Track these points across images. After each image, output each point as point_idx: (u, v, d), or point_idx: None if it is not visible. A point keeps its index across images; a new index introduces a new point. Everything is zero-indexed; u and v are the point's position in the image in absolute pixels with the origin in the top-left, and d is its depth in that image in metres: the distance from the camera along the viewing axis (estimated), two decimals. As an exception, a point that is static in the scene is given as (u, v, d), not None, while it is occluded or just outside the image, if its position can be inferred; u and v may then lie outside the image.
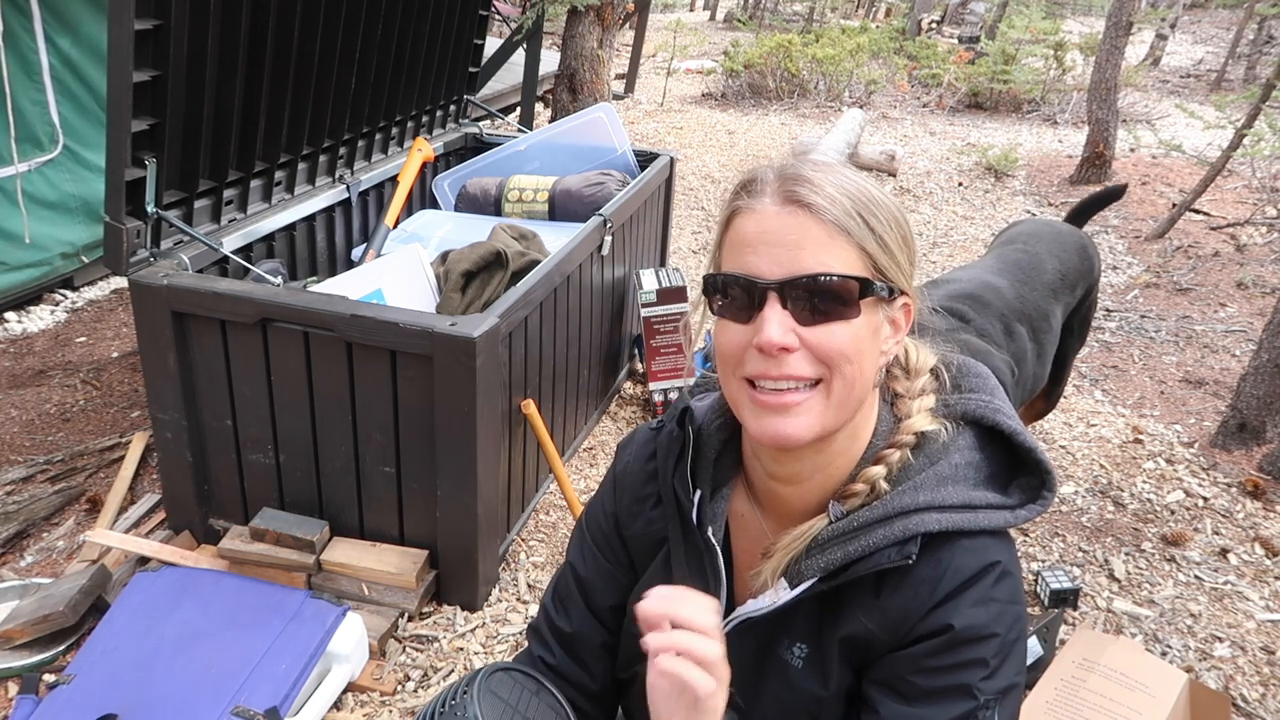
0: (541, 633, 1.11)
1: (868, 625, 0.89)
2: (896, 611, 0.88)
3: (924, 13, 12.94)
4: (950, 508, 0.87)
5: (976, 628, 0.85)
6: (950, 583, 0.86)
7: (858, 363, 0.85)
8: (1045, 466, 0.90)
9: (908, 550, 0.86)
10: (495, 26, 7.67)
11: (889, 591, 0.88)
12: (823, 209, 0.82)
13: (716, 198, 5.73)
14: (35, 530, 2.44)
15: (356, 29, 2.71)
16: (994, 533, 0.88)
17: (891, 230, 0.86)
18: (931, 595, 0.86)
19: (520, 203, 3.12)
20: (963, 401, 0.94)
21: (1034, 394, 2.31)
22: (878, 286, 0.84)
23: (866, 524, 0.88)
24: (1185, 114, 5.77)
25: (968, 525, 0.87)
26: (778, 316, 0.83)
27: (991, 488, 0.91)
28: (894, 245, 0.86)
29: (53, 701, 1.82)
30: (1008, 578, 0.87)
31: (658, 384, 3.14)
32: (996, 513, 0.89)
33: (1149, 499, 2.83)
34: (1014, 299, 2.10)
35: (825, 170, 0.85)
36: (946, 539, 0.87)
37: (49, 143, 3.54)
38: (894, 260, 0.86)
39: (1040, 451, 0.91)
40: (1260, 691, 2.13)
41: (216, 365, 2.13)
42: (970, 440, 0.92)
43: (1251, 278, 4.51)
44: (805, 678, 0.92)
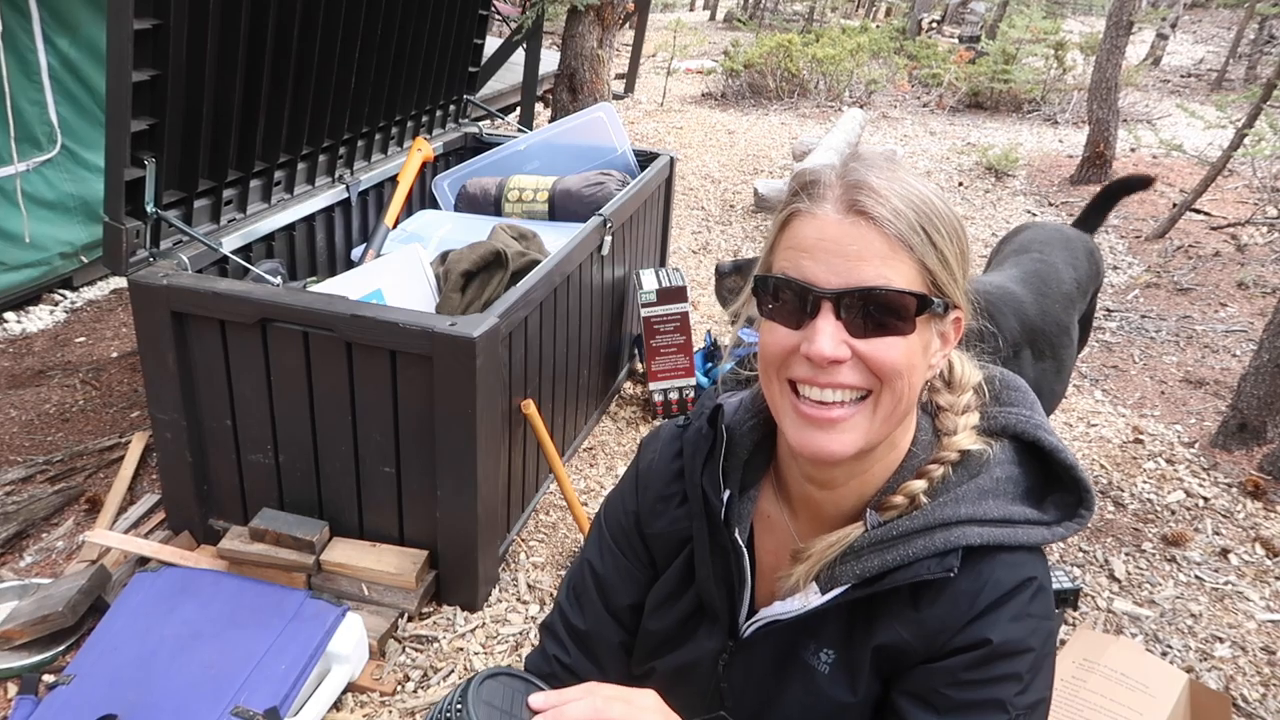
0: (556, 630, 1.09)
1: (903, 635, 0.88)
2: (934, 623, 0.87)
3: (924, 12, 12.94)
4: (991, 522, 0.87)
5: (1013, 642, 0.85)
6: (989, 596, 0.86)
7: (908, 377, 0.83)
8: (1084, 484, 0.89)
9: (949, 562, 0.85)
10: (495, 26, 7.66)
11: (927, 603, 0.88)
12: (886, 221, 0.80)
13: (716, 198, 5.73)
14: (35, 530, 2.44)
15: (356, 29, 2.71)
16: (1030, 548, 0.88)
17: (952, 244, 0.84)
18: (970, 608, 0.86)
19: (520, 203, 3.12)
20: (1003, 415, 0.93)
21: (1053, 410, 2.29)
22: (935, 303, 0.82)
23: (906, 533, 0.87)
24: (1186, 114, 5.77)
25: (1007, 540, 0.87)
26: (831, 328, 0.81)
27: (1028, 502, 0.90)
28: (953, 259, 0.84)
29: (52, 702, 1.82)
30: (1043, 593, 0.88)
31: (658, 384, 3.14)
32: (1034, 529, 0.88)
33: (1149, 499, 2.83)
34: (1036, 315, 2.08)
35: (890, 178, 0.82)
36: (985, 553, 0.87)
37: (48, 143, 3.54)
38: (952, 275, 0.84)
39: (1080, 469, 0.90)
40: (1261, 692, 2.13)
41: (216, 365, 2.13)
42: (1009, 454, 0.92)
43: (1252, 278, 4.51)
44: (832, 684, 0.92)
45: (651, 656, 1.05)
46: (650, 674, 1.05)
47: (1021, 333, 2.04)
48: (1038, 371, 2.07)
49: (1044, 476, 0.92)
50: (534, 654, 1.11)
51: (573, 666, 1.06)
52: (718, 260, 2.02)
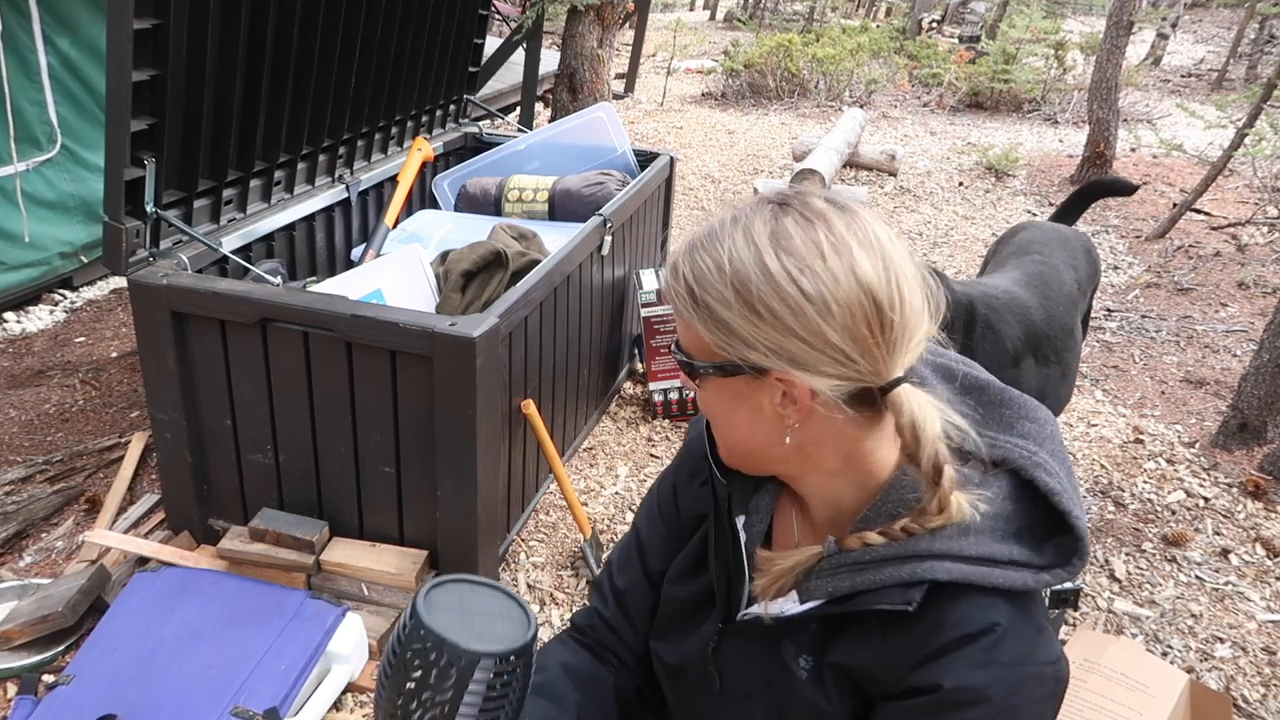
0: (601, 588, 1.17)
1: (867, 661, 0.87)
2: (892, 655, 0.85)
3: (924, 12, 12.93)
4: (967, 559, 0.83)
5: (967, 690, 0.80)
6: (947, 636, 0.82)
7: (720, 424, 0.91)
8: (1079, 531, 0.84)
9: (910, 595, 0.82)
10: (495, 26, 7.66)
11: (891, 632, 0.85)
12: (671, 290, 0.87)
13: (716, 198, 5.73)
14: (34, 530, 2.44)
15: (356, 28, 2.71)
16: (1010, 591, 0.83)
17: (731, 310, 0.81)
18: (926, 646, 0.83)
19: (520, 202, 3.12)
20: (1004, 446, 0.88)
21: (1058, 414, 2.28)
22: (700, 366, 0.86)
23: (879, 559, 0.85)
24: (1186, 113, 5.76)
25: (980, 580, 0.82)
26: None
27: (1023, 542, 0.85)
28: (736, 324, 0.81)
29: (52, 702, 1.82)
30: (1013, 639, 0.82)
31: (658, 384, 3.13)
32: (1018, 571, 0.83)
33: (1150, 499, 2.83)
34: (1041, 320, 2.06)
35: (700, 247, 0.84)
36: (957, 590, 0.83)
37: (48, 142, 3.54)
38: (734, 338, 0.81)
39: (1078, 516, 0.84)
40: (1261, 692, 2.13)
41: (216, 365, 2.13)
42: (1005, 489, 0.86)
43: (1252, 278, 4.51)
44: (810, 689, 0.91)
45: (664, 634, 1.08)
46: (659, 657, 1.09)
47: (1025, 340, 2.02)
48: (1041, 378, 2.06)
49: (1045, 515, 0.87)
50: (581, 610, 1.19)
51: (610, 621, 1.14)
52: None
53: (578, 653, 1.13)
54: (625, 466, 2.88)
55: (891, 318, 0.80)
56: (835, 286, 0.79)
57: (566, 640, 1.15)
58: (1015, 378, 1.96)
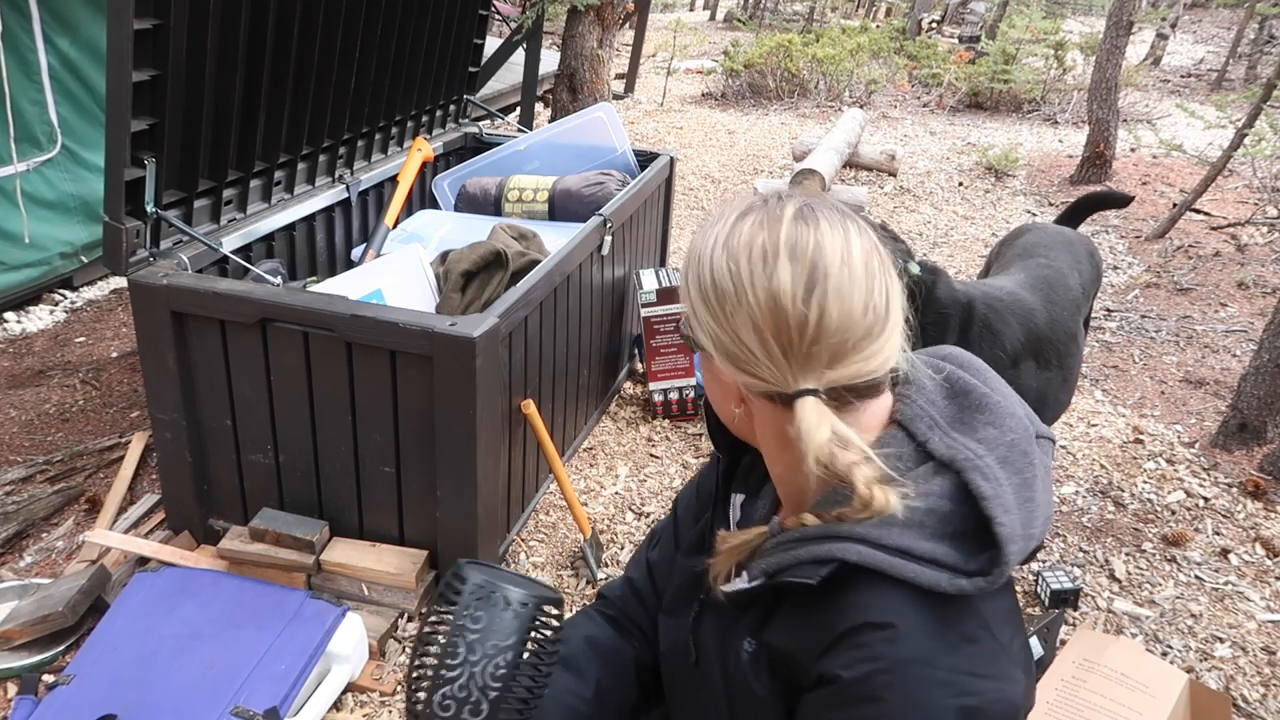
0: (637, 558, 1.22)
1: (789, 642, 0.86)
2: (808, 637, 0.84)
3: (924, 12, 12.94)
4: (883, 547, 0.80)
5: (861, 684, 0.78)
6: (848, 621, 0.80)
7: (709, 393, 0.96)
8: (1001, 539, 0.80)
9: (816, 571, 0.81)
10: (495, 26, 7.66)
11: (809, 615, 0.84)
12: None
13: (716, 198, 5.73)
14: (34, 530, 2.44)
15: (356, 29, 2.71)
16: (920, 589, 0.79)
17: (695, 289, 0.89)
18: (830, 631, 0.81)
19: (520, 203, 3.12)
20: (956, 448, 0.85)
21: (1057, 418, 2.28)
22: (684, 332, 0.92)
23: (805, 537, 0.85)
24: (1186, 114, 5.77)
25: (890, 570, 0.79)
26: None
27: (956, 546, 0.81)
28: (693, 303, 0.89)
29: (52, 702, 1.82)
30: (914, 639, 0.78)
31: (658, 384, 3.14)
32: (935, 570, 0.79)
33: (1149, 499, 2.83)
34: (1045, 324, 2.05)
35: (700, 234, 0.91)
36: (870, 578, 0.80)
37: (48, 143, 3.54)
38: (694, 316, 0.89)
39: (1003, 524, 0.80)
40: (1261, 692, 2.13)
41: (216, 365, 2.13)
42: (945, 489, 0.83)
43: (1252, 278, 4.51)
44: (748, 672, 0.91)
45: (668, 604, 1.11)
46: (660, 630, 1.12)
47: (1026, 343, 2.02)
48: (1041, 381, 2.05)
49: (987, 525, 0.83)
50: (614, 580, 1.23)
51: (639, 590, 1.18)
52: None
53: (602, 626, 1.16)
54: (625, 466, 2.88)
55: (793, 335, 0.82)
56: (749, 290, 0.83)
57: (592, 613, 1.19)
58: (1013, 380, 1.96)
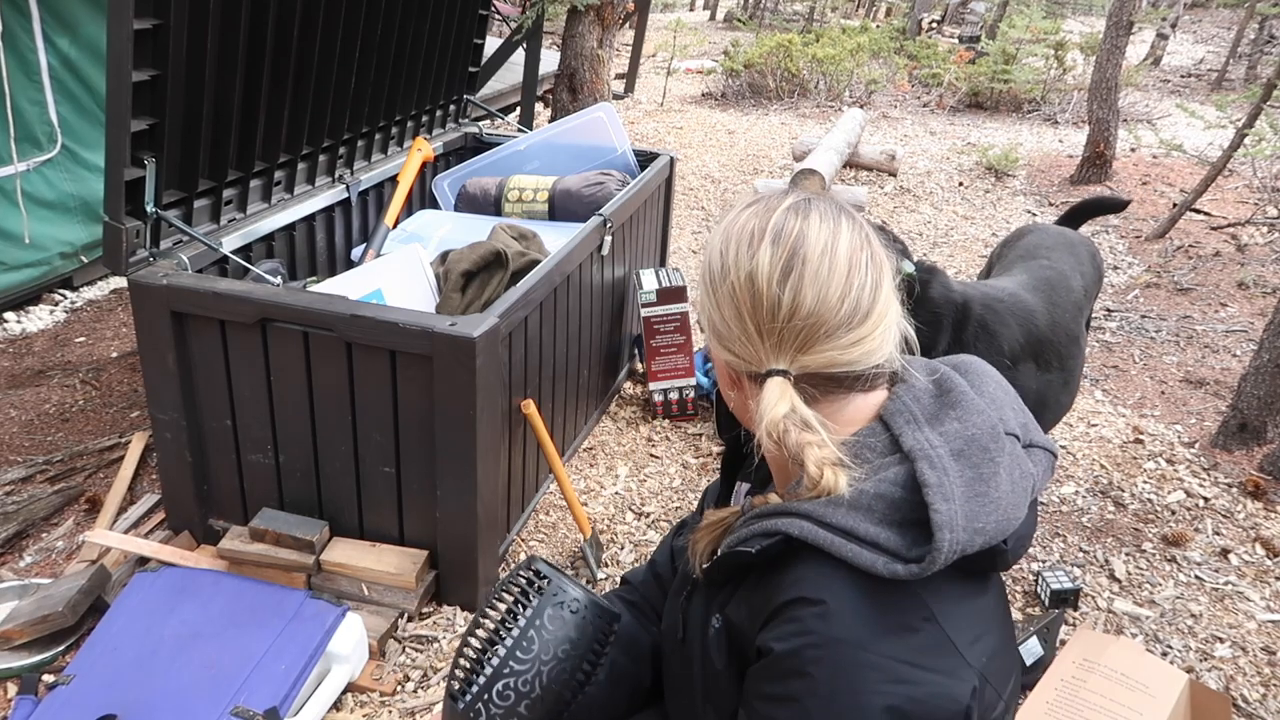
0: (663, 543, 1.28)
1: (742, 615, 0.89)
2: (754, 609, 0.86)
3: (924, 12, 12.93)
4: (826, 525, 0.81)
5: (792, 657, 0.79)
6: (784, 595, 0.81)
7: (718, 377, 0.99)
8: (935, 523, 0.80)
9: (757, 543, 0.84)
10: (495, 26, 7.66)
11: (755, 588, 0.87)
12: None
13: (716, 198, 5.73)
14: (34, 530, 2.44)
15: (356, 28, 2.71)
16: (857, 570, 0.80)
17: (700, 272, 0.96)
18: (770, 604, 0.83)
19: (520, 203, 3.12)
20: (916, 438, 0.86)
21: (1058, 420, 2.27)
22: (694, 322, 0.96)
23: (762, 514, 0.89)
24: (1186, 114, 5.76)
25: (828, 547, 0.80)
26: None
27: (903, 533, 0.81)
28: (700, 282, 0.96)
29: (52, 702, 1.82)
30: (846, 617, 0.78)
31: (658, 384, 3.14)
32: (873, 553, 0.80)
33: (1149, 499, 2.83)
34: (1046, 326, 2.05)
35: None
36: (810, 554, 0.81)
37: (48, 143, 3.54)
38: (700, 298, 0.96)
39: (940, 510, 0.80)
40: (1261, 692, 2.13)
41: (216, 365, 2.13)
42: (898, 476, 0.84)
43: (1252, 278, 4.51)
44: (711, 646, 0.93)
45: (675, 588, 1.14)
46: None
47: (1025, 345, 2.01)
48: (1041, 383, 2.05)
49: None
50: (641, 565, 1.29)
51: (662, 575, 1.24)
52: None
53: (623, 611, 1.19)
54: (625, 466, 2.88)
55: (765, 315, 0.87)
56: (732, 269, 0.90)
57: (613, 598, 1.24)
58: (1012, 381, 1.96)
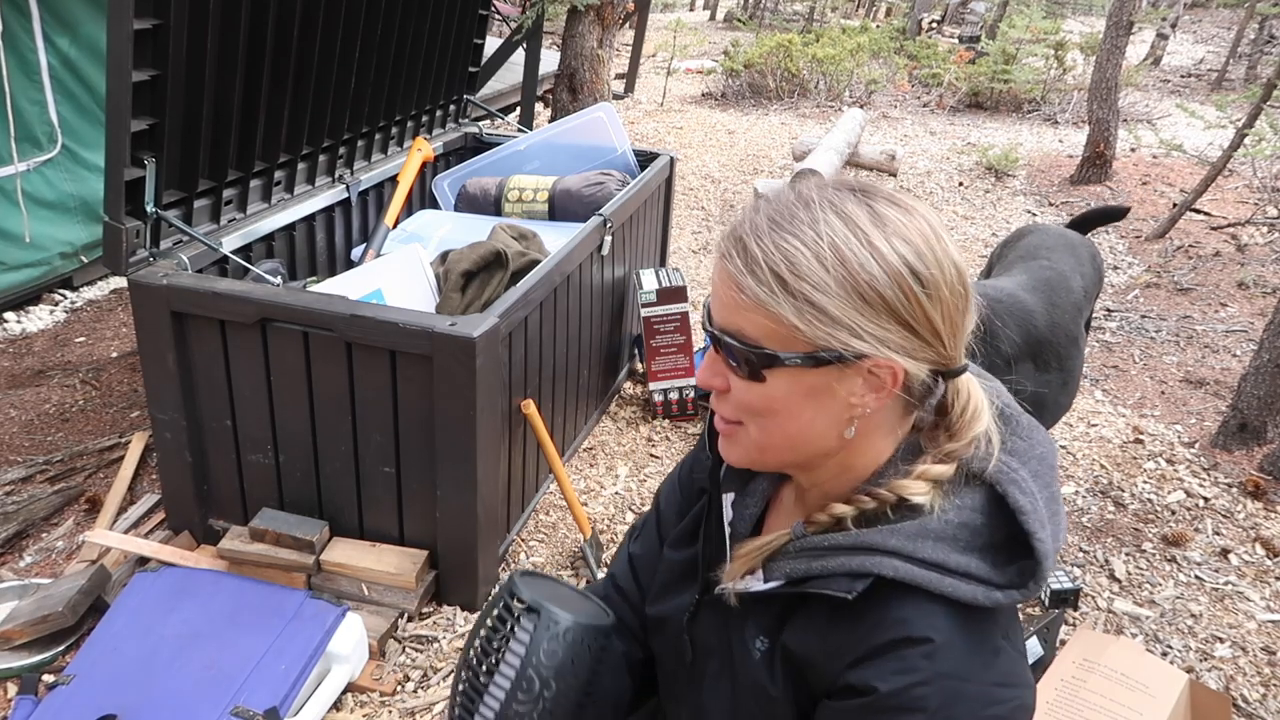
0: (619, 553, 1.22)
1: (813, 648, 0.87)
2: (835, 645, 0.84)
3: (924, 12, 12.93)
4: (919, 561, 0.81)
5: (902, 695, 0.78)
6: (885, 635, 0.80)
7: (777, 419, 0.84)
8: (1040, 554, 0.81)
9: (854, 586, 0.82)
10: (495, 26, 7.66)
11: (837, 624, 0.85)
12: (739, 272, 0.81)
13: (716, 198, 5.73)
14: (34, 530, 2.44)
15: (356, 28, 2.71)
16: (957, 603, 0.80)
17: (836, 298, 0.78)
18: (865, 642, 0.82)
19: (520, 203, 3.12)
20: (991, 463, 0.86)
21: (1057, 421, 2.27)
22: (785, 358, 0.80)
23: (834, 546, 0.85)
24: (1186, 114, 5.77)
25: (928, 585, 0.80)
26: (711, 360, 0.87)
27: (985, 558, 0.82)
28: (837, 312, 0.78)
29: (52, 702, 1.82)
30: (952, 652, 0.79)
31: (658, 384, 3.14)
32: (970, 584, 0.80)
33: (1149, 499, 2.83)
34: (1045, 327, 2.05)
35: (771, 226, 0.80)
36: (904, 591, 0.81)
37: (48, 143, 3.54)
38: (837, 326, 0.79)
39: (1041, 539, 0.81)
40: (1261, 692, 2.13)
41: (216, 365, 2.13)
42: (977, 502, 0.85)
43: (1252, 278, 4.51)
44: (759, 670, 0.92)
45: (654, 599, 1.11)
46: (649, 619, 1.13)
47: (1024, 345, 2.01)
48: (1040, 384, 2.04)
49: (1015, 535, 0.84)
50: (600, 580, 1.23)
51: (622, 586, 1.19)
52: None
53: None
54: (625, 466, 2.88)
55: (970, 303, 0.85)
56: (943, 272, 0.81)
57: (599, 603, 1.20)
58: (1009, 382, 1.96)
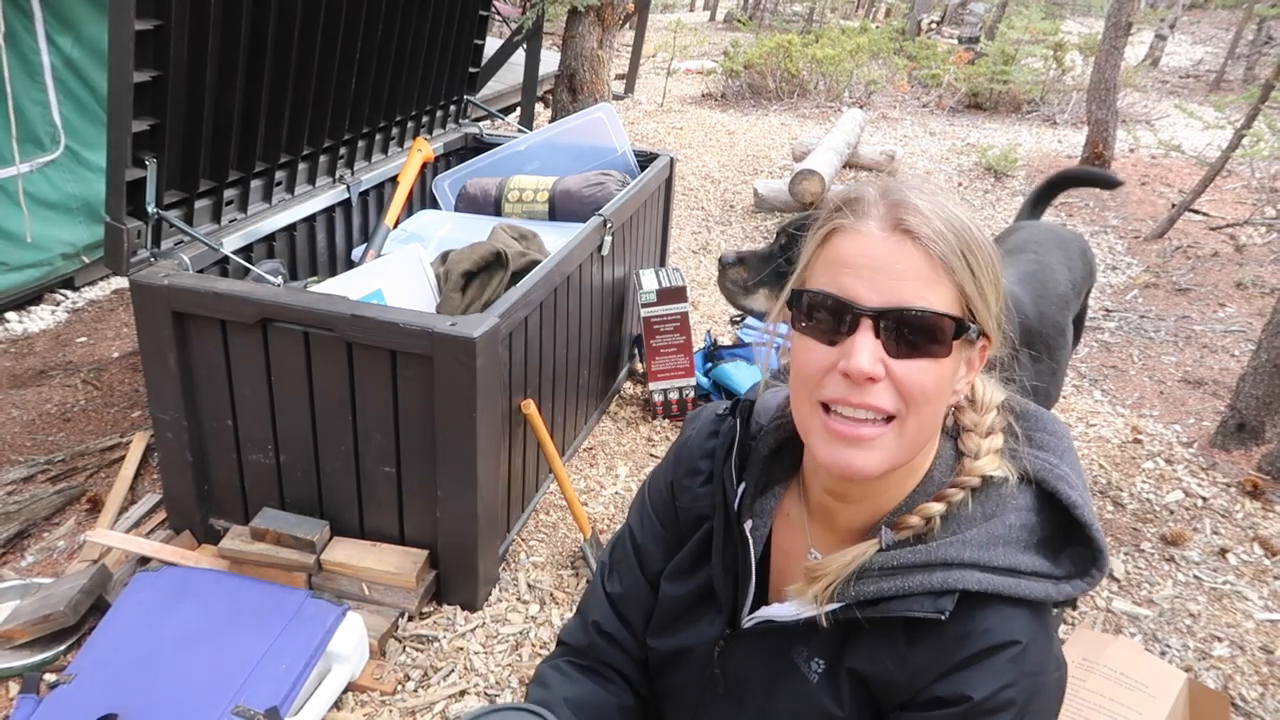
0: (595, 595, 1.13)
1: (888, 668, 0.87)
2: (919, 662, 0.85)
3: (924, 13, 12.94)
4: (995, 569, 0.84)
5: (994, 699, 0.82)
6: (975, 646, 0.83)
7: (935, 403, 0.84)
8: (1099, 544, 0.86)
9: (942, 604, 0.83)
10: (495, 26, 7.67)
11: (916, 641, 0.86)
12: (931, 242, 0.80)
13: (716, 198, 5.73)
14: (36, 530, 2.44)
15: (356, 29, 2.71)
16: (1032, 602, 0.85)
17: (988, 272, 0.84)
18: (956, 655, 0.84)
19: (520, 203, 3.13)
20: (1030, 458, 0.90)
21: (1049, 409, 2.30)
22: (971, 328, 0.83)
23: (908, 565, 0.85)
24: (1184, 114, 5.77)
25: (1007, 590, 0.83)
26: (870, 345, 0.81)
27: (1042, 553, 0.87)
28: (988, 287, 0.84)
29: (53, 701, 1.83)
30: (1034, 649, 0.84)
31: (658, 384, 3.14)
32: (1041, 582, 0.85)
33: (1148, 499, 2.84)
34: (1034, 318, 2.07)
35: (933, 200, 0.83)
36: (983, 600, 0.84)
37: (51, 143, 3.54)
38: (986, 303, 0.84)
39: (1097, 529, 0.86)
40: (1259, 691, 2.14)
41: (217, 365, 2.13)
42: (1029, 501, 0.89)
43: (1250, 278, 4.52)
44: (821, 693, 0.91)
45: (661, 631, 1.07)
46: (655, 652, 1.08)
47: (1019, 335, 2.04)
48: (1034, 374, 2.07)
49: (1063, 527, 0.88)
50: (571, 625, 1.15)
51: (606, 629, 1.11)
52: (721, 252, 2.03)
53: (579, 681, 1.09)
54: (625, 466, 2.89)
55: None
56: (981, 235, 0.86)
57: (563, 667, 1.11)
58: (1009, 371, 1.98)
